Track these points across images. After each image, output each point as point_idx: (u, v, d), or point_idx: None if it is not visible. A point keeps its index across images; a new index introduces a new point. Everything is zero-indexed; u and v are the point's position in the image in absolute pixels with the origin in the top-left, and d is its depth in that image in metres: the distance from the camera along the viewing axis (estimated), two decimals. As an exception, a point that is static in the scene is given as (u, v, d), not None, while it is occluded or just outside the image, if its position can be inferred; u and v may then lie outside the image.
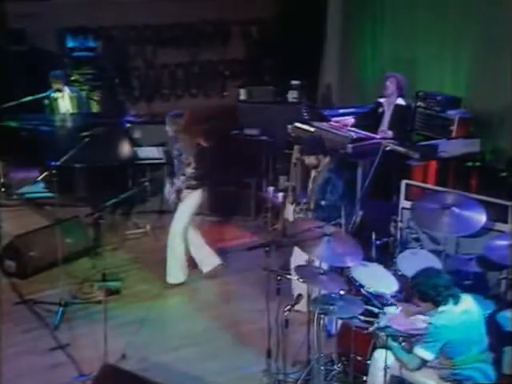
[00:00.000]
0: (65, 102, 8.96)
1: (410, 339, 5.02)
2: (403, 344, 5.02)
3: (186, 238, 7.20)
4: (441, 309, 4.77)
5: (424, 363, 4.83)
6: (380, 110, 8.13)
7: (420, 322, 5.10)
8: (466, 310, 4.80)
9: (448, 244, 6.07)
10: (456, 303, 4.77)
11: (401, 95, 8.03)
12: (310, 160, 6.69)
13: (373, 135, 7.75)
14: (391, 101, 8.03)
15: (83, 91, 9.90)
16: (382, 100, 8.16)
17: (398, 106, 8.02)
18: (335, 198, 6.48)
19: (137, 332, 6.38)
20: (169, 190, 7.19)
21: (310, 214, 6.62)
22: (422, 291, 4.80)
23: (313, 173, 6.77)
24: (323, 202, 6.50)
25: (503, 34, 8.12)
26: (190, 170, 6.97)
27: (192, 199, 7.11)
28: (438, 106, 8.28)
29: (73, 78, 10.07)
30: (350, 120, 8.16)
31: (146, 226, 8.26)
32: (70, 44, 10.52)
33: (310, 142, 7.06)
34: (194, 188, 7.07)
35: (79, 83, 10.20)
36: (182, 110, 7.27)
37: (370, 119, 8.20)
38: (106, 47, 10.93)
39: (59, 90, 8.87)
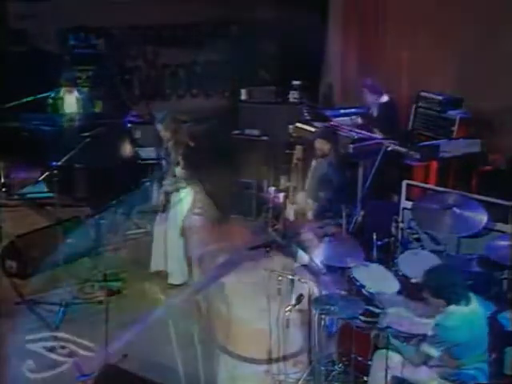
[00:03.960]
0: (70, 101, 8.97)
1: (411, 339, 5.02)
2: (405, 343, 5.02)
3: (183, 238, 7.19)
4: (451, 309, 4.73)
5: (428, 358, 4.82)
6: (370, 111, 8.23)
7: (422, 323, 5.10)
8: (474, 311, 4.79)
9: (449, 244, 6.07)
10: (466, 304, 4.75)
11: (382, 94, 8.13)
12: (321, 144, 6.81)
13: (374, 135, 7.75)
14: (376, 102, 8.17)
15: (85, 87, 9.90)
16: None
17: (381, 105, 8.12)
18: (330, 193, 6.57)
19: (138, 332, 6.38)
20: (158, 190, 7.16)
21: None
22: (438, 286, 4.74)
23: (313, 162, 6.83)
24: (321, 194, 6.65)
25: (504, 34, 8.13)
26: (179, 170, 6.94)
27: (184, 199, 7.09)
28: (439, 107, 8.28)
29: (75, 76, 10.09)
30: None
31: (147, 225, 8.25)
32: (72, 41, 10.52)
33: (325, 127, 7.46)
34: (183, 187, 7.05)
35: (81, 80, 10.20)
36: (167, 113, 7.26)
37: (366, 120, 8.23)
38: (107, 47, 10.93)
39: (69, 92, 8.90)
